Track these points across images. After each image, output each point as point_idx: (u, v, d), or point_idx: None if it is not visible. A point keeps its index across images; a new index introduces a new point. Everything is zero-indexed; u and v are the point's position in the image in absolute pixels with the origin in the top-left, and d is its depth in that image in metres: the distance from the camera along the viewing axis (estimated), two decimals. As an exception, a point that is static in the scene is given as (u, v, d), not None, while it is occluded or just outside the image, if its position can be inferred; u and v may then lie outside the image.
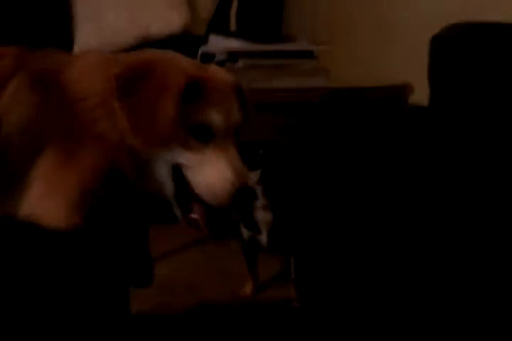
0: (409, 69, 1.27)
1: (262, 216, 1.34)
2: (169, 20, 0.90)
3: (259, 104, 1.24)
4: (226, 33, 1.54)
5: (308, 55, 1.39)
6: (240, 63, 1.36)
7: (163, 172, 0.83)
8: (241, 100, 0.88)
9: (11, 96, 0.79)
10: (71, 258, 0.76)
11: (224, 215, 0.85)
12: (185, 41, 1.84)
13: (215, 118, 0.81)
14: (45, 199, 0.78)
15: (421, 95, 1.18)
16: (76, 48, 1.51)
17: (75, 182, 0.79)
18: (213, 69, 0.89)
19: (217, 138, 0.81)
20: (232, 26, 2.17)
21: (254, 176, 1.27)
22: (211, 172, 0.81)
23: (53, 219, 0.77)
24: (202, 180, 0.81)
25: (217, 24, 2.17)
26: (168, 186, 0.84)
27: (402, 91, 1.34)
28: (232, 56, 1.36)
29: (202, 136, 0.81)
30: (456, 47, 1.02)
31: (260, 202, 1.31)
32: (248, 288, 1.50)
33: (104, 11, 1.57)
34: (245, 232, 1.42)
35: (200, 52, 1.46)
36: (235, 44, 1.36)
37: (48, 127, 0.79)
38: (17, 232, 0.77)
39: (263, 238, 1.38)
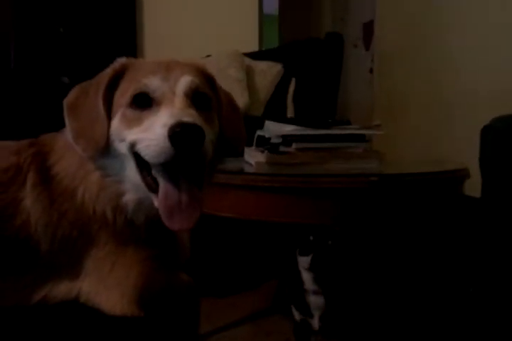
0: (466, 154, 1.26)
1: (314, 300, 1.32)
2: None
3: (311, 189, 1.27)
4: (280, 118, 1.61)
5: (360, 138, 1.42)
6: (293, 146, 1.40)
7: (132, 168, 0.80)
8: (204, 78, 0.86)
9: (29, 196, 0.83)
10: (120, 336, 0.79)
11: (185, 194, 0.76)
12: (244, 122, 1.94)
13: (147, 82, 0.78)
14: (103, 290, 0.81)
15: (479, 180, 1.17)
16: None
17: (129, 273, 0.82)
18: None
19: (158, 101, 0.78)
20: (289, 108, 2.27)
21: (305, 262, 1.26)
22: (149, 132, 0.75)
23: (111, 309, 0.81)
24: (143, 142, 0.75)
25: (275, 106, 2.28)
26: (137, 179, 0.80)
27: (457, 176, 1.32)
28: (286, 140, 1.42)
29: (142, 104, 0.78)
30: (507, 138, 1.01)
31: (311, 287, 1.30)
32: (300, 372, 1.45)
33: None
34: (297, 314, 1.39)
35: (256, 135, 1.53)
36: (288, 128, 1.42)
37: (63, 217, 0.82)
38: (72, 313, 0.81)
39: (315, 322, 1.35)
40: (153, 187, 0.78)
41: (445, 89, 2.47)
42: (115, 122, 0.80)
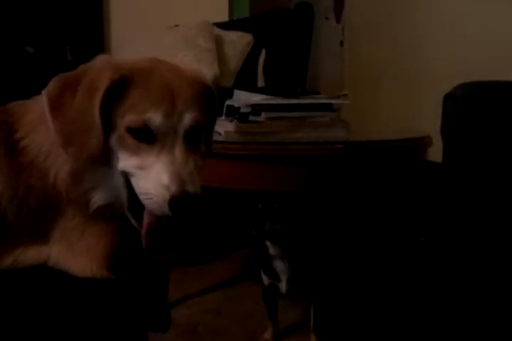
0: (433, 122, 1.30)
1: (280, 265, 1.36)
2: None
3: (279, 157, 1.29)
4: (250, 88, 1.62)
5: (328, 108, 1.44)
6: (262, 116, 1.42)
7: (119, 183, 0.79)
8: (207, 104, 0.82)
9: None
10: (90, 302, 0.80)
11: (167, 231, 0.78)
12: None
13: (150, 120, 0.74)
14: (71, 256, 0.82)
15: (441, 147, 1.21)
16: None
17: (97, 242, 0.82)
18: (171, 66, 0.81)
19: (159, 138, 0.75)
20: (259, 79, 2.27)
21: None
22: (149, 177, 0.74)
23: (80, 272, 0.81)
24: (141, 186, 0.75)
25: (245, 77, 2.27)
26: (123, 196, 0.79)
27: (419, 143, 1.37)
28: (255, 109, 1.43)
29: (142, 136, 0.75)
30: (467, 105, 1.05)
31: (277, 252, 1.34)
32: (268, 334, 1.51)
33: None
34: (265, 279, 1.44)
35: (225, 104, 1.53)
36: (257, 98, 1.43)
37: (30, 191, 0.80)
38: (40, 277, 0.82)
39: (282, 285, 1.39)
40: (137, 215, 0.79)
41: (413, 60, 2.51)
42: (114, 139, 0.77)
